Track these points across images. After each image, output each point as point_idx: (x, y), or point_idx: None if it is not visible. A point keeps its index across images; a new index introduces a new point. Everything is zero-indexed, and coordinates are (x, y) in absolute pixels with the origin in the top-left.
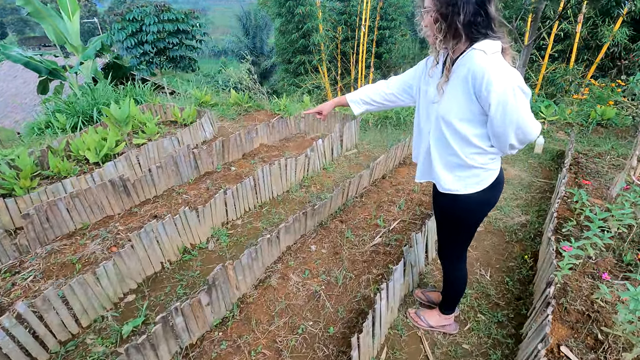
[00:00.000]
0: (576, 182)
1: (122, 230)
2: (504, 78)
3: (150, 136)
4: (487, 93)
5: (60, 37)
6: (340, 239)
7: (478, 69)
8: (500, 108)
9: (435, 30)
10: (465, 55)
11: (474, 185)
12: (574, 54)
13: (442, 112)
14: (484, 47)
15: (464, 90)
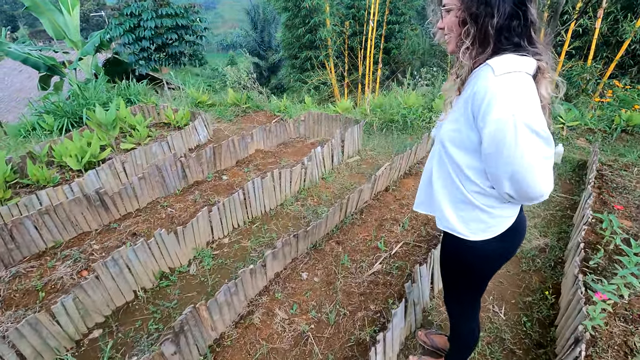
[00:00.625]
0: (601, 198)
1: (97, 249)
2: (506, 106)
3: (139, 140)
4: (482, 122)
5: (59, 32)
6: (335, 264)
7: (481, 89)
8: (494, 145)
9: (462, 34)
10: (477, 71)
11: (479, 232)
12: (592, 51)
13: (442, 132)
14: (497, 64)
15: (464, 112)
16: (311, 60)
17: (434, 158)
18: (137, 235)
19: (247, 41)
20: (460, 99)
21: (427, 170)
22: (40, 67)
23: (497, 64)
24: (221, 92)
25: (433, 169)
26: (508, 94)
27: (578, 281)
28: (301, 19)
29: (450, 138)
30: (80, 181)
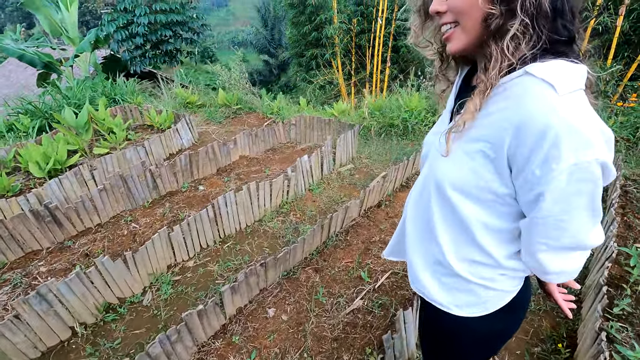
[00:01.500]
0: (625, 220)
1: (43, 272)
2: (585, 145)
3: (115, 144)
4: (541, 171)
5: (56, 29)
6: (308, 299)
7: (536, 118)
8: (562, 204)
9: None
10: (513, 83)
11: (469, 307)
12: (612, 50)
13: (440, 171)
14: (554, 76)
15: (487, 146)
16: (317, 58)
17: (416, 191)
18: (90, 257)
19: (258, 39)
20: (481, 123)
21: (405, 207)
22: (36, 64)
23: (555, 76)
24: (205, 94)
25: (409, 210)
26: (584, 125)
27: (601, 341)
28: (307, 16)
29: (454, 181)
30: (38, 191)
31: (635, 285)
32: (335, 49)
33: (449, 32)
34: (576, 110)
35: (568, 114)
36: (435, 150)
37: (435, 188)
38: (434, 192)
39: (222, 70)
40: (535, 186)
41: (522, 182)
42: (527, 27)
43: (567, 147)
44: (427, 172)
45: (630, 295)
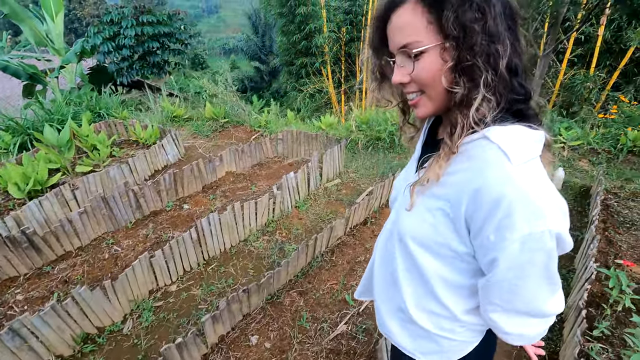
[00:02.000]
0: (606, 235)
1: (20, 301)
2: (537, 215)
3: (98, 162)
4: (497, 237)
5: (41, 40)
6: (292, 324)
7: (492, 187)
8: (516, 270)
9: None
10: (473, 145)
11: (432, 354)
12: (595, 59)
13: (403, 224)
14: (509, 145)
15: (447, 205)
16: (307, 67)
17: (384, 236)
18: (69, 283)
19: (249, 45)
20: (443, 181)
21: (375, 249)
22: (20, 75)
23: (510, 145)
24: (192, 108)
25: (377, 254)
26: (537, 196)
27: None
28: (296, 25)
29: (415, 235)
30: (17, 214)
31: (615, 305)
32: (325, 58)
33: (415, 99)
34: (530, 180)
35: (522, 184)
36: (401, 199)
37: (399, 239)
38: (397, 242)
39: (208, 83)
40: (489, 251)
41: (478, 244)
42: (489, 94)
43: (521, 217)
44: (394, 220)
45: (610, 314)
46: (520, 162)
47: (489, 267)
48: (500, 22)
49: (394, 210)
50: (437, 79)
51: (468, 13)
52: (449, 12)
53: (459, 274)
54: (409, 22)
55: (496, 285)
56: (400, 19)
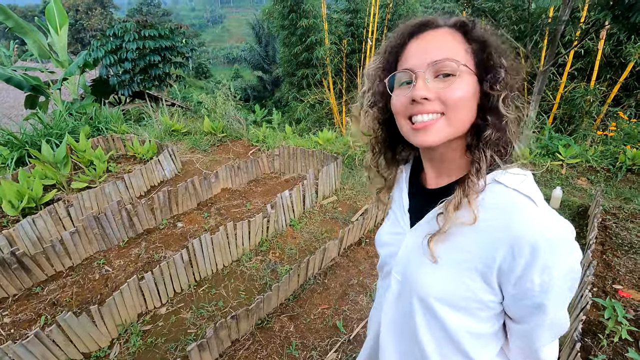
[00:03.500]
0: (604, 259)
1: (7, 324)
2: (573, 250)
3: (94, 178)
4: (542, 280)
5: (45, 53)
6: (281, 352)
7: (530, 233)
8: (562, 303)
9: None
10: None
11: None
12: (595, 72)
13: (417, 283)
14: (528, 188)
15: (476, 258)
16: (308, 78)
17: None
18: (57, 306)
19: (252, 55)
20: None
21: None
22: (24, 86)
23: (527, 189)
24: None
25: (385, 322)
26: (566, 230)
27: None
28: (298, 37)
29: (442, 295)
30: (10, 232)
31: (612, 336)
32: (326, 69)
33: (429, 121)
34: (555, 218)
35: (553, 224)
36: (412, 258)
37: (419, 299)
38: (418, 308)
39: (207, 98)
40: (535, 295)
41: (519, 291)
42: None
43: (562, 253)
44: (402, 280)
45: (607, 345)
46: (541, 204)
47: (534, 311)
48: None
49: (396, 275)
50: (466, 104)
51: (509, 61)
52: (494, 52)
53: (484, 323)
54: (447, 42)
55: (547, 326)
56: (437, 37)
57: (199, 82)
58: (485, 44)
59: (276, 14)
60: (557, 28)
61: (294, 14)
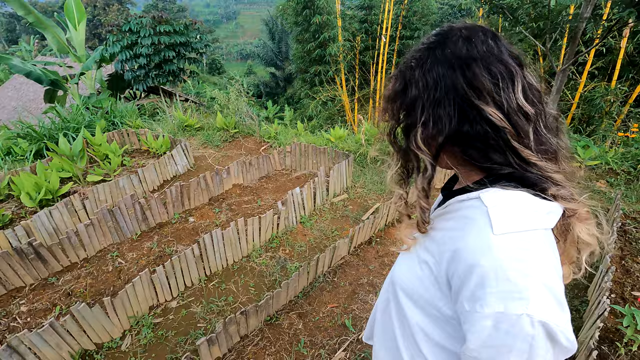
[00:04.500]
0: (623, 264)
1: (23, 312)
2: (514, 296)
3: (109, 171)
4: (469, 306)
5: (64, 48)
6: (289, 349)
7: (468, 252)
8: (488, 352)
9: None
10: (468, 204)
11: None
12: (617, 71)
13: (395, 266)
14: (497, 213)
15: (432, 261)
16: (320, 75)
17: (386, 281)
18: (72, 296)
19: (265, 51)
20: (434, 235)
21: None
22: (43, 80)
23: (499, 211)
24: (204, 117)
25: (379, 307)
26: (518, 273)
27: None
28: (311, 34)
29: (404, 285)
30: (27, 223)
31: (630, 344)
32: (339, 66)
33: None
34: (513, 254)
35: (500, 256)
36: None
37: (391, 288)
38: (391, 294)
39: (219, 93)
40: (464, 320)
41: (457, 310)
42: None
43: (493, 292)
44: (391, 273)
45: (625, 354)
46: (504, 231)
47: (465, 337)
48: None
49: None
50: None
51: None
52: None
53: (446, 338)
54: None
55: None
56: None
57: (213, 78)
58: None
59: (290, 10)
60: (578, 25)
61: (307, 11)
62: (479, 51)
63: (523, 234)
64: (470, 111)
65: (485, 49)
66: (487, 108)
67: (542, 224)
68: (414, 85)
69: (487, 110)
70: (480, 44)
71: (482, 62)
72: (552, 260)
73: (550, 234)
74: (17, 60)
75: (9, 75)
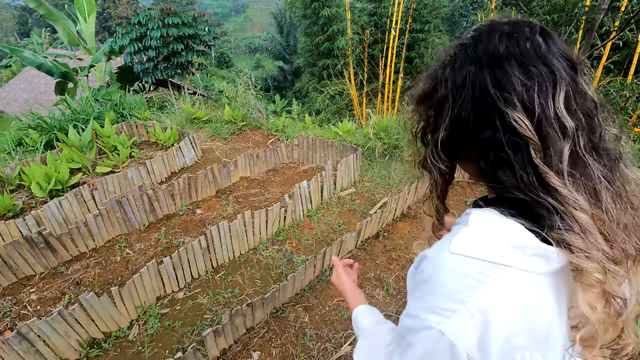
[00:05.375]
0: None
1: (33, 300)
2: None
3: (118, 163)
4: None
5: (74, 40)
6: (295, 342)
7: (422, 262)
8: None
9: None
10: (461, 219)
11: None
12: (633, 66)
13: None
14: (472, 233)
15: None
16: (328, 69)
17: None
18: (81, 285)
19: (273, 45)
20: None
21: None
22: (53, 73)
23: (466, 234)
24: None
25: None
26: (450, 289)
27: None
28: (320, 27)
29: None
30: (37, 213)
31: None
32: (347, 60)
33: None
34: (458, 274)
35: (441, 264)
36: None
37: None
38: None
39: (227, 86)
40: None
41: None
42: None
43: (421, 295)
44: None
45: None
46: (460, 252)
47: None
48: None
49: None
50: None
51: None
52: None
53: None
54: None
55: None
56: None
57: (221, 72)
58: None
59: (298, 3)
60: (595, 18)
61: (316, 3)
62: (519, 49)
63: (482, 263)
64: (492, 114)
65: (527, 47)
66: (513, 113)
67: (518, 263)
68: (443, 85)
69: (513, 115)
70: (524, 41)
71: (518, 61)
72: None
73: (543, 281)
74: (28, 53)
75: (21, 68)
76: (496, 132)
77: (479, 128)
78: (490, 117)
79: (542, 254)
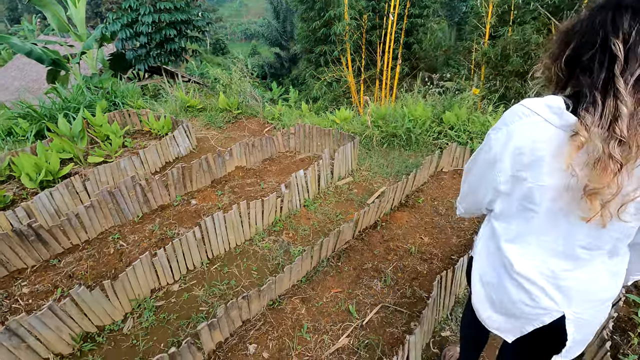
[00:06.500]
0: None
1: (25, 294)
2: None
3: (110, 152)
4: None
5: (64, 26)
6: (292, 334)
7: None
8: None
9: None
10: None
11: None
12: None
13: None
14: (536, 99)
15: None
16: (325, 55)
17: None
18: (73, 278)
19: (270, 31)
20: None
21: None
22: (44, 60)
23: (533, 99)
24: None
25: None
26: (506, 114)
27: None
28: (316, 12)
29: None
30: (28, 205)
31: None
32: (344, 46)
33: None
34: (514, 109)
35: (510, 108)
36: None
37: None
38: None
39: (222, 74)
40: None
41: None
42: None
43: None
44: None
45: (638, 344)
46: (521, 103)
47: None
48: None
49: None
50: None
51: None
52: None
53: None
54: None
55: None
56: None
57: (217, 59)
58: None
59: None
60: None
61: None
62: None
63: (526, 109)
64: (601, 38)
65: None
66: (615, 39)
67: (544, 114)
68: (580, 21)
69: (614, 40)
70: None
71: (633, 9)
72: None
73: (554, 131)
74: (16, 39)
75: (12, 56)
76: (598, 50)
77: (590, 46)
78: (600, 40)
79: (560, 114)
